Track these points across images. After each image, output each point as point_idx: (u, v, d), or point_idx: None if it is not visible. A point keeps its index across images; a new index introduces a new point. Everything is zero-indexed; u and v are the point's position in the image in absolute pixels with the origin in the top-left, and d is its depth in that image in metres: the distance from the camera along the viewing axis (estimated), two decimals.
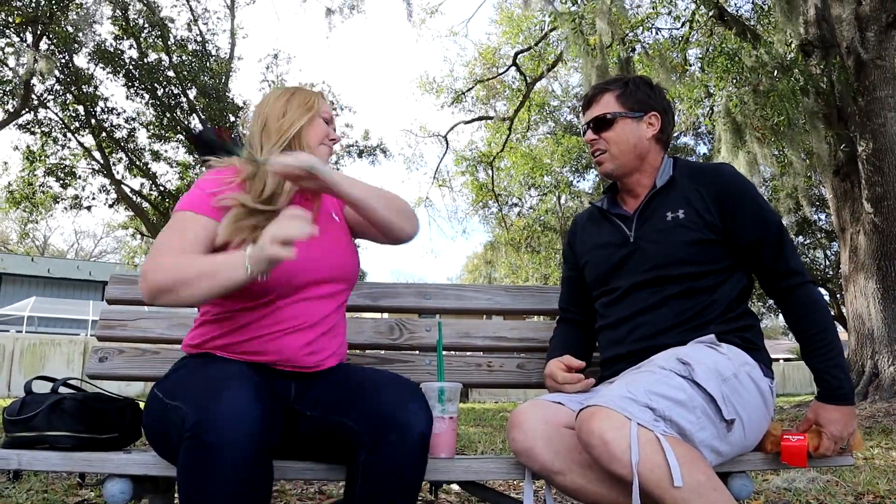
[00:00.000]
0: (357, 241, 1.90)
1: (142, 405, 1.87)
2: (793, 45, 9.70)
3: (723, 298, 1.73)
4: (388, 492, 1.43)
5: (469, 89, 19.33)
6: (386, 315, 2.29)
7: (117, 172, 15.83)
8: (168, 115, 15.45)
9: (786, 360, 27.99)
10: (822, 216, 19.08)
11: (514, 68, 16.86)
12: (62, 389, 1.83)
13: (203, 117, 15.49)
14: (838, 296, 20.60)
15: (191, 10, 15.86)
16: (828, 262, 21.17)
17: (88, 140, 15.21)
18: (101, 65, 14.28)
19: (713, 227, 1.74)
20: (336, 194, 1.59)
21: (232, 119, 14.91)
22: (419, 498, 2.94)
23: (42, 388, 1.81)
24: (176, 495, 2.80)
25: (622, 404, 1.42)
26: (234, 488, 1.28)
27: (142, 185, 16.36)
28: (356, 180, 1.62)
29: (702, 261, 1.73)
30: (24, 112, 13.92)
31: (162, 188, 16.13)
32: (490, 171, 20.23)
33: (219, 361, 1.57)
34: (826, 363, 1.66)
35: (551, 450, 1.58)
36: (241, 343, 1.60)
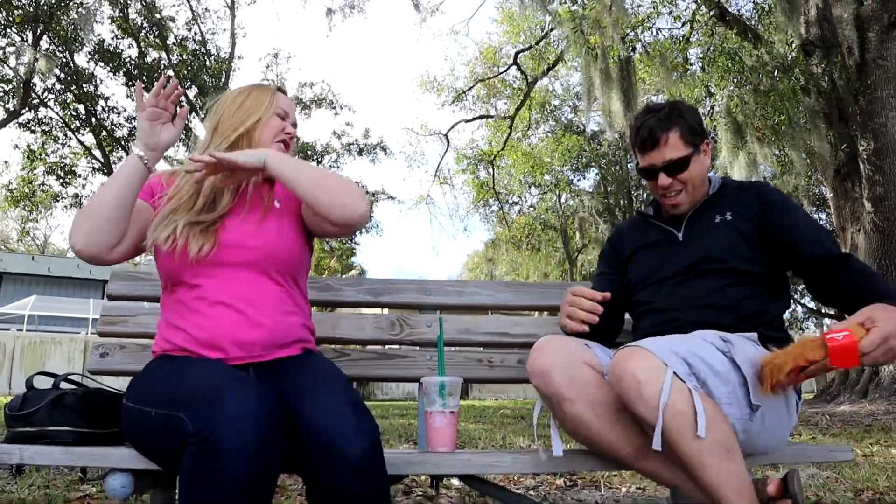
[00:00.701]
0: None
1: None
2: (794, 45, 9.71)
3: (765, 308, 1.76)
4: None
5: (470, 88, 19.37)
6: (387, 311, 2.29)
7: None
8: None
9: None
10: (823, 215, 19.07)
11: (514, 67, 16.89)
12: (63, 385, 1.83)
13: (203, 116, 15.48)
14: None
15: (191, 9, 15.86)
16: None
17: (89, 139, 15.23)
18: (101, 64, 14.29)
19: (757, 226, 1.81)
20: (268, 174, 1.61)
21: None
22: (420, 493, 2.94)
23: (43, 384, 1.81)
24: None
25: (663, 353, 1.45)
26: (238, 495, 1.23)
27: None
28: (290, 159, 1.62)
29: (750, 259, 1.78)
30: (24, 111, 13.93)
31: None
32: (491, 170, 20.24)
33: (192, 363, 1.53)
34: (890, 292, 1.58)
35: (567, 375, 1.59)
36: (190, 334, 1.57)
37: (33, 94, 13.86)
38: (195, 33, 15.96)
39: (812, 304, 23.91)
